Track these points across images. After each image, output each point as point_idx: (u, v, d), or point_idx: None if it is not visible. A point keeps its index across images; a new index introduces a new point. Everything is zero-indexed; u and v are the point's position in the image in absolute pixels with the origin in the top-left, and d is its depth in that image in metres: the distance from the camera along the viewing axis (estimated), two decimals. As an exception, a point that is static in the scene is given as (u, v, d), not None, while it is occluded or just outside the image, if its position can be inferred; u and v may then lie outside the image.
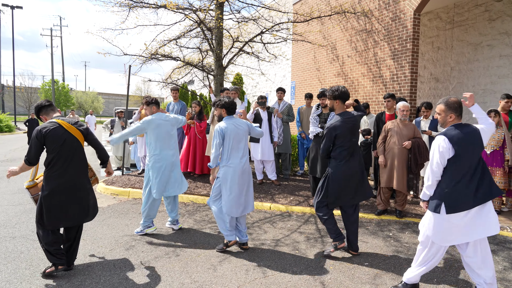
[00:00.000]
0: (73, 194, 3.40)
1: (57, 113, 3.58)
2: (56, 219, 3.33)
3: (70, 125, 3.40)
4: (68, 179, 3.36)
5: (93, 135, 3.61)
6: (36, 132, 3.25)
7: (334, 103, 3.89)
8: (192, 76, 10.66)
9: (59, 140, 3.31)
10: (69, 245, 3.53)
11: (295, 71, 11.89)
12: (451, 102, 2.94)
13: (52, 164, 3.32)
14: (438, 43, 9.64)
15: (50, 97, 43.61)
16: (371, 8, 8.52)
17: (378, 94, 8.42)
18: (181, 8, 7.59)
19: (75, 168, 3.42)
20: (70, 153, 3.37)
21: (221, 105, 3.99)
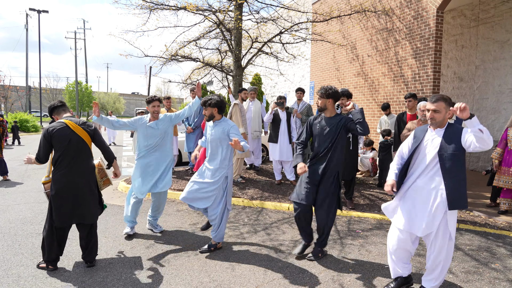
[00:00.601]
0: (77, 193, 3.44)
1: (68, 113, 3.64)
2: (63, 217, 3.42)
3: (76, 125, 3.46)
4: (72, 179, 3.41)
5: (100, 136, 3.65)
6: (44, 132, 3.38)
7: (327, 102, 3.78)
8: (211, 76, 10.75)
9: (65, 140, 3.38)
10: (84, 243, 3.61)
11: (314, 71, 11.81)
12: (448, 98, 2.95)
13: (58, 163, 3.41)
14: (462, 41, 9.37)
15: (74, 98, 44.88)
16: (392, 7, 8.37)
17: (399, 94, 8.26)
18: (201, 10, 7.66)
19: (80, 168, 3.46)
20: (75, 153, 3.43)
21: (214, 103, 3.88)
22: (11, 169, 9.35)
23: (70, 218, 3.46)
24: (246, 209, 5.85)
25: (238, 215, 5.47)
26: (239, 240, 4.44)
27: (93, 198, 3.57)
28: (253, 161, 7.94)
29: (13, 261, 3.72)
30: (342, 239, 4.52)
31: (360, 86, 9.54)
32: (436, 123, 2.98)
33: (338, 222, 5.17)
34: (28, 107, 38.77)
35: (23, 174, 8.58)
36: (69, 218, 3.45)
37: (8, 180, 8.00)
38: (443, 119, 2.96)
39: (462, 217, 5.29)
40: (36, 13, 34.75)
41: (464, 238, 4.55)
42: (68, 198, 3.41)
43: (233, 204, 6.08)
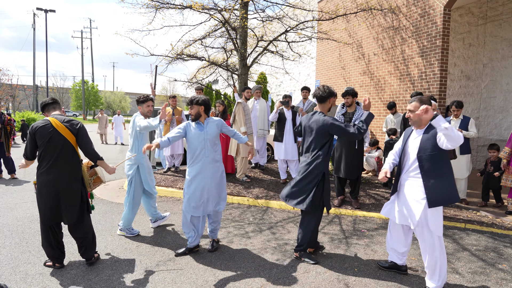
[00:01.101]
0: (55, 192, 3.38)
1: (57, 111, 3.59)
2: (45, 215, 3.39)
3: (60, 123, 3.39)
4: (52, 178, 3.36)
5: (83, 137, 3.50)
6: (29, 129, 3.40)
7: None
8: (217, 75, 10.77)
9: (46, 137, 3.34)
10: (78, 243, 3.60)
11: (319, 69, 11.77)
12: (425, 99, 3.09)
13: (40, 161, 3.40)
14: (469, 39, 9.28)
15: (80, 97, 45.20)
16: (398, 5, 8.31)
17: (405, 92, 8.20)
18: (206, 8, 7.67)
19: (61, 166, 3.38)
20: (55, 151, 3.36)
21: (201, 101, 3.79)
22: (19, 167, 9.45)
23: (50, 217, 3.41)
24: (251, 208, 5.85)
25: (243, 214, 5.48)
26: (244, 239, 4.44)
27: (74, 197, 3.46)
28: (258, 160, 7.93)
29: (21, 259, 3.76)
30: (348, 238, 4.50)
31: (366, 84, 9.49)
32: (412, 122, 3.17)
33: (343, 222, 5.16)
34: (35, 106, 39.12)
35: (31, 173, 8.65)
36: (50, 217, 3.41)
37: (16, 178, 8.07)
38: (419, 119, 3.10)
39: (469, 217, 5.24)
40: (43, 13, 35.05)
41: (471, 238, 4.52)
42: (48, 196, 3.37)
43: (238, 203, 6.09)
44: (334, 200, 5.93)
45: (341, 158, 5.59)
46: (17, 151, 12.72)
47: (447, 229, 4.85)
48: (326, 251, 4.08)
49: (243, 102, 6.85)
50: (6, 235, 4.44)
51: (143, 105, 4.48)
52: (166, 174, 7.60)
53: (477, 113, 9.12)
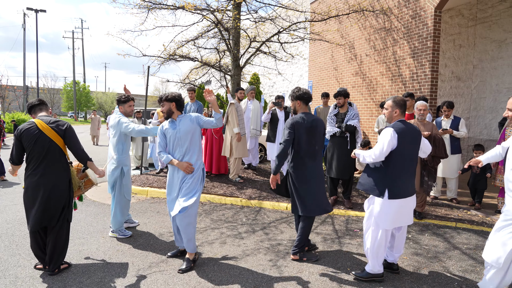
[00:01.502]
0: (44, 194, 3.29)
1: (43, 112, 3.51)
2: (34, 219, 3.30)
3: (46, 125, 3.31)
4: (38, 180, 3.28)
5: (72, 138, 3.41)
6: (15, 132, 3.32)
7: (296, 103, 3.80)
8: (210, 76, 10.74)
9: (32, 139, 3.26)
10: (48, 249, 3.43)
11: (312, 70, 11.81)
12: (398, 100, 3.29)
13: (27, 164, 3.33)
14: (460, 40, 9.39)
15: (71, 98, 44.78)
16: (390, 6, 8.38)
17: (397, 93, 8.27)
18: (199, 9, 7.65)
19: (48, 168, 3.30)
20: (42, 154, 3.28)
21: (171, 98, 3.61)
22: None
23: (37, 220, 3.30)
24: (244, 208, 5.85)
25: (236, 215, 5.47)
26: (237, 239, 4.44)
27: (59, 200, 3.37)
28: (250, 160, 7.94)
29: (11, 262, 3.71)
30: (340, 238, 4.52)
31: (358, 85, 9.55)
32: (386, 119, 3.37)
33: (336, 222, 5.18)
34: (25, 107, 38.66)
35: (21, 175, 8.54)
36: (37, 220, 3.30)
37: (6, 180, 7.97)
38: (390, 116, 3.32)
39: (460, 216, 5.30)
40: (34, 13, 34.64)
41: (462, 237, 4.57)
42: (35, 199, 3.29)
43: (231, 204, 6.08)
44: (327, 200, 5.95)
45: (333, 158, 5.61)
46: (7, 153, 12.55)
47: (438, 228, 4.90)
48: (319, 251, 4.10)
49: (236, 102, 6.84)
50: (-4, 238, 4.38)
51: (125, 105, 4.42)
52: (159, 175, 7.56)
53: (468, 114, 9.23)
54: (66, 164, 3.46)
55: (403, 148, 3.17)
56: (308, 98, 3.78)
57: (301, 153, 3.71)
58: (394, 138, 3.13)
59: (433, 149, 4.84)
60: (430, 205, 5.80)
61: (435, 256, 3.98)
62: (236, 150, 6.79)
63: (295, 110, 3.86)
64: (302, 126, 3.65)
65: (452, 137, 5.93)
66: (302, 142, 3.68)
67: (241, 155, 6.83)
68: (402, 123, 3.23)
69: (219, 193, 6.39)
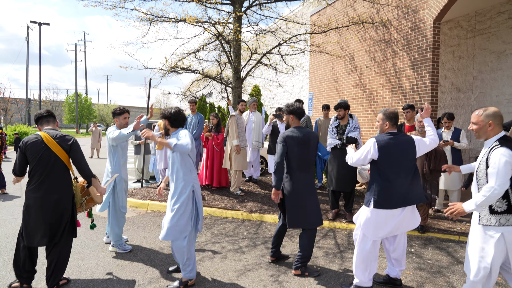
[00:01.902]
0: (44, 211, 3.21)
1: (50, 125, 3.46)
2: (28, 235, 3.22)
3: (51, 139, 3.25)
4: (41, 195, 3.21)
5: (77, 153, 3.35)
6: (20, 144, 3.26)
7: (289, 118, 3.92)
8: (211, 88, 10.79)
9: (37, 153, 3.21)
10: (48, 264, 3.35)
11: (312, 82, 11.86)
12: (388, 113, 3.31)
13: (30, 178, 3.26)
14: (459, 52, 9.44)
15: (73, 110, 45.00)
16: (389, 18, 8.45)
17: (397, 105, 8.28)
18: (200, 22, 7.73)
19: (51, 184, 3.24)
20: (46, 168, 3.22)
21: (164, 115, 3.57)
22: (9, 182, 9.30)
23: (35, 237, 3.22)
24: (245, 222, 5.80)
25: (237, 229, 5.43)
26: (238, 254, 4.39)
27: (61, 217, 3.29)
28: (252, 173, 7.91)
29: (9, 277, 3.67)
30: (342, 252, 4.47)
31: (359, 97, 9.57)
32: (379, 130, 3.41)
33: (338, 236, 5.13)
34: (27, 119, 38.83)
35: (21, 188, 8.53)
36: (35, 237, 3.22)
37: (6, 193, 7.95)
38: (381, 129, 3.36)
39: (463, 230, 5.24)
40: (37, 26, 35.08)
41: (465, 251, 4.50)
42: (36, 215, 3.20)
43: (232, 217, 6.04)
44: (328, 214, 5.91)
45: (334, 170, 5.58)
46: (8, 165, 12.55)
47: (441, 242, 4.84)
48: (321, 266, 4.04)
49: (236, 115, 6.85)
50: (-5, 253, 4.34)
51: (120, 117, 4.45)
52: (160, 188, 7.52)
53: (468, 125, 9.21)
54: (69, 180, 3.40)
55: (388, 159, 3.19)
56: (301, 113, 3.91)
57: (293, 165, 3.76)
58: (374, 149, 3.21)
59: (434, 162, 4.82)
60: (433, 218, 5.74)
61: (439, 271, 3.92)
62: (235, 163, 6.77)
63: (288, 124, 4.00)
64: (293, 140, 3.74)
65: (454, 149, 5.90)
66: (295, 155, 3.73)
67: (240, 167, 6.81)
68: (390, 135, 3.25)
69: (220, 206, 6.35)
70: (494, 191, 2.46)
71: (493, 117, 2.69)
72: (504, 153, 2.49)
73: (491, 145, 2.62)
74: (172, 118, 3.56)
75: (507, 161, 2.46)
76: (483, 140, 2.74)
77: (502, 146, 2.53)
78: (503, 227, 2.54)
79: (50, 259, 3.34)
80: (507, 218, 2.55)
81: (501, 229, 2.54)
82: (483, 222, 2.62)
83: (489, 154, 2.59)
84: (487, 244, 2.59)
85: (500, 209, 2.57)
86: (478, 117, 2.74)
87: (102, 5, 7.54)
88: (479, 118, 2.73)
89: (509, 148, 2.52)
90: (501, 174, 2.46)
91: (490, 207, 2.60)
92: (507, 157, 2.47)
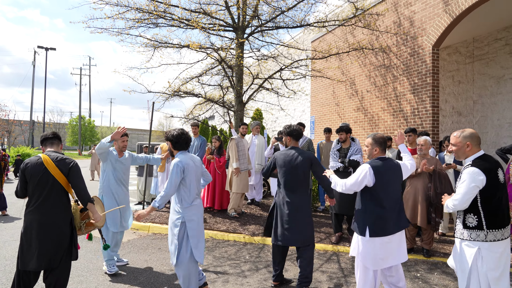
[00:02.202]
0: (40, 235, 3.11)
1: (54, 147, 3.40)
2: (24, 259, 3.10)
3: (51, 161, 3.18)
4: (38, 218, 3.11)
5: (76, 177, 3.25)
6: (21, 165, 3.22)
7: (287, 139, 4.12)
8: (213, 111, 10.91)
9: (36, 176, 3.15)
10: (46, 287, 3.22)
11: (314, 106, 11.99)
12: (378, 138, 3.33)
13: (29, 199, 3.19)
14: (458, 76, 9.58)
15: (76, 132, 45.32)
16: (389, 44, 8.64)
17: (399, 128, 8.33)
18: (204, 48, 7.91)
19: (49, 207, 3.15)
20: (44, 191, 3.14)
21: (168, 137, 3.66)
22: (10, 203, 9.27)
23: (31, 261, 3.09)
24: (247, 245, 5.73)
25: (239, 252, 5.36)
26: (240, 278, 4.32)
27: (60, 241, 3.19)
28: (254, 196, 7.87)
29: (7, 301, 3.60)
30: (347, 277, 4.39)
31: (360, 120, 9.65)
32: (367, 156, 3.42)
33: (342, 259, 5.05)
34: (31, 141, 39.05)
35: (22, 209, 8.48)
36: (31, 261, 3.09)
37: (7, 215, 7.91)
38: (370, 154, 3.38)
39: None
40: (44, 50, 35.88)
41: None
42: (34, 238, 3.10)
43: (234, 241, 5.97)
44: (331, 237, 5.84)
45: (337, 194, 5.56)
46: (10, 187, 12.54)
47: (448, 266, 4.75)
48: (325, 291, 3.96)
49: (237, 138, 6.89)
50: (-7, 276, 4.28)
51: (119, 140, 4.55)
52: (161, 211, 7.48)
53: (471, 148, 9.22)
54: (68, 204, 3.32)
55: (381, 185, 3.17)
56: (297, 135, 4.09)
57: (281, 183, 3.99)
58: (370, 174, 3.16)
59: (438, 186, 4.81)
60: (438, 242, 5.67)
61: None
62: (235, 185, 6.77)
63: (286, 144, 4.18)
64: (281, 159, 3.98)
65: (457, 172, 5.90)
66: (281, 173, 3.97)
67: (240, 190, 6.79)
68: (381, 160, 3.26)
69: (221, 229, 6.29)
70: (454, 206, 2.75)
71: (470, 138, 2.84)
72: (469, 171, 2.71)
73: (466, 165, 2.83)
74: (174, 141, 3.60)
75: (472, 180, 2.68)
76: (463, 160, 2.90)
77: (472, 166, 2.73)
78: (475, 241, 2.71)
79: (48, 282, 3.23)
80: (478, 234, 2.71)
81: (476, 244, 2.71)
82: (457, 235, 2.84)
83: (461, 172, 2.82)
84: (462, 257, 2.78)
85: (471, 225, 2.74)
86: (456, 138, 2.88)
87: (108, 31, 7.75)
88: (457, 140, 2.88)
89: (478, 168, 2.70)
90: (463, 191, 2.71)
91: (463, 222, 2.80)
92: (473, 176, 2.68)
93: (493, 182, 2.69)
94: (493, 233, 2.67)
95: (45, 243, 3.13)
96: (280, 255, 3.99)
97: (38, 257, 3.10)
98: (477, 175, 2.66)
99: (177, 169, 3.42)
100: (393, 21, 8.53)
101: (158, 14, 7.54)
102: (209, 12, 7.91)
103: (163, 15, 7.62)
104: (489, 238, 2.67)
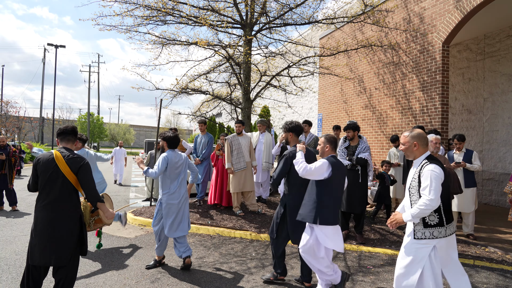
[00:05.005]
0: (49, 230, 3.11)
1: (69, 144, 3.36)
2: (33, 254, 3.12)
3: (62, 158, 3.17)
4: (46, 214, 3.13)
5: (85, 175, 3.22)
6: (34, 160, 3.26)
7: (288, 135, 4.11)
8: (221, 109, 10.92)
9: (47, 172, 3.15)
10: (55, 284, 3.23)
11: (322, 103, 11.93)
12: (329, 137, 3.67)
13: (39, 195, 3.21)
14: (469, 74, 9.45)
15: (85, 129, 45.76)
16: (398, 41, 8.54)
17: (407, 126, 8.25)
18: (211, 45, 7.91)
19: (58, 204, 3.14)
20: (53, 187, 3.14)
21: (162, 137, 4.50)
22: (21, 199, 9.41)
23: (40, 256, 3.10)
24: (253, 242, 5.74)
25: (246, 249, 5.37)
26: (247, 275, 4.32)
27: (69, 238, 3.17)
28: (261, 193, 7.87)
29: (17, 295, 3.66)
30: (353, 275, 4.37)
31: (368, 118, 9.58)
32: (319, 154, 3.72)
33: (348, 258, 5.03)
34: (40, 138, 39.53)
35: (32, 205, 8.60)
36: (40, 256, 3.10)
37: (17, 210, 8.02)
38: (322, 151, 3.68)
39: (478, 253, 5.10)
40: (54, 48, 36.22)
41: (481, 276, 4.37)
42: (43, 234, 3.11)
43: (240, 237, 5.98)
44: (338, 235, 5.82)
45: (344, 192, 5.53)
46: (20, 183, 12.72)
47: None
48: (331, 289, 3.95)
49: (231, 136, 6.89)
50: (4, 270, 4.35)
51: None
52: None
53: (480, 147, 9.11)
54: (77, 202, 3.31)
55: (333, 180, 3.48)
56: (300, 131, 4.10)
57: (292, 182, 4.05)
58: (328, 168, 3.46)
59: (450, 184, 4.77)
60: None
61: None
62: (231, 184, 6.82)
63: (287, 141, 4.18)
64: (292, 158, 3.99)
65: (466, 171, 5.83)
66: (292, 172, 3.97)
67: (233, 189, 6.81)
68: (333, 158, 3.58)
69: (228, 226, 6.31)
70: (430, 202, 2.67)
71: (417, 138, 2.94)
72: (434, 169, 2.75)
73: (420, 163, 2.87)
74: (169, 141, 4.51)
75: (437, 175, 2.72)
76: (412, 159, 2.99)
77: (431, 163, 2.79)
78: (435, 239, 2.77)
79: (58, 278, 3.26)
80: (439, 231, 2.78)
81: (434, 242, 2.78)
82: (418, 236, 2.83)
83: (420, 171, 2.83)
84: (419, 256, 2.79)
85: (433, 222, 2.80)
86: (405, 138, 2.99)
87: (116, 29, 7.79)
88: (405, 139, 2.99)
89: (437, 165, 2.77)
90: (434, 187, 2.69)
91: (423, 220, 2.82)
92: (437, 172, 2.73)
93: (446, 178, 2.80)
94: (449, 227, 2.83)
95: (53, 240, 3.13)
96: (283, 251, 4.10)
97: (46, 253, 3.12)
98: (439, 171, 2.75)
99: (163, 160, 4.35)
100: (403, 18, 8.43)
101: (167, 11, 7.56)
102: (217, 9, 7.90)
103: (171, 12, 7.64)
104: (447, 233, 2.81)
